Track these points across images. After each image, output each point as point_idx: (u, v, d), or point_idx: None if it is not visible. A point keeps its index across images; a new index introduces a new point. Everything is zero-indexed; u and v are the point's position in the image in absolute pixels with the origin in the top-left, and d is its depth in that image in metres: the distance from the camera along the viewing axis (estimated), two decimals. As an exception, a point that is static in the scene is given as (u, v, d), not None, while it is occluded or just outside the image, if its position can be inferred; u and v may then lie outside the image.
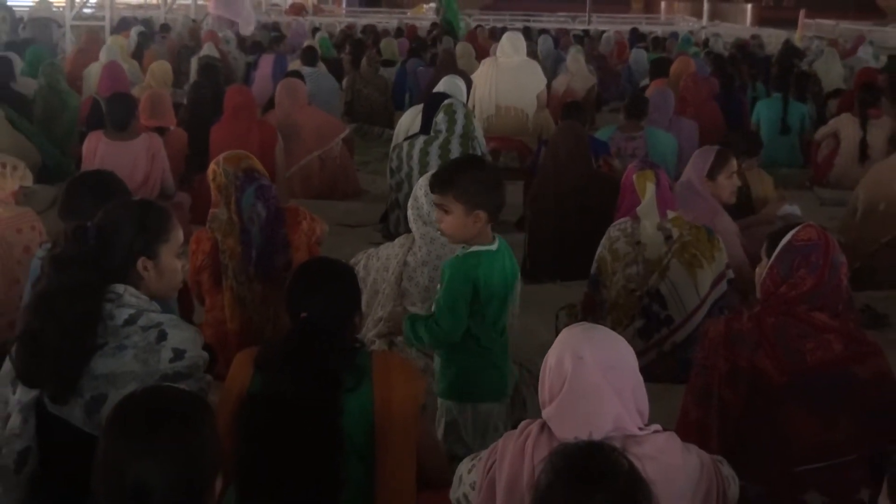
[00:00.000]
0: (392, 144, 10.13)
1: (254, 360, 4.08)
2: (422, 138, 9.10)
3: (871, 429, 4.77)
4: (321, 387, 3.96)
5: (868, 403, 4.78)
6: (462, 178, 4.91)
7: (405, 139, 9.45)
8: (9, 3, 20.38)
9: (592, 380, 3.48)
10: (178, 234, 4.29)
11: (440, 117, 9.05)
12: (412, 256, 5.91)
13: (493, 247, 5.00)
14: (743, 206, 8.11)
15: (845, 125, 12.25)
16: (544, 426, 3.58)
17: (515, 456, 3.56)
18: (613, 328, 6.46)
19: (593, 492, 2.61)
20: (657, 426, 3.56)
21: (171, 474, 2.62)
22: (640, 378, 3.60)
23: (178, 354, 4.03)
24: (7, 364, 4.17)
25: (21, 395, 4.10)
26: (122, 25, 21.83)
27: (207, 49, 18.02)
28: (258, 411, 3.92)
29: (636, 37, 26.50)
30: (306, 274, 4.26)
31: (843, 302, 5.03)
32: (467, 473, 3.90)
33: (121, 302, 4.04)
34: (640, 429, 3.51)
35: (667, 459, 3.44)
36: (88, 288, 4.03)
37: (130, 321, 4.03)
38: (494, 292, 4.94)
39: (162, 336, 4.04)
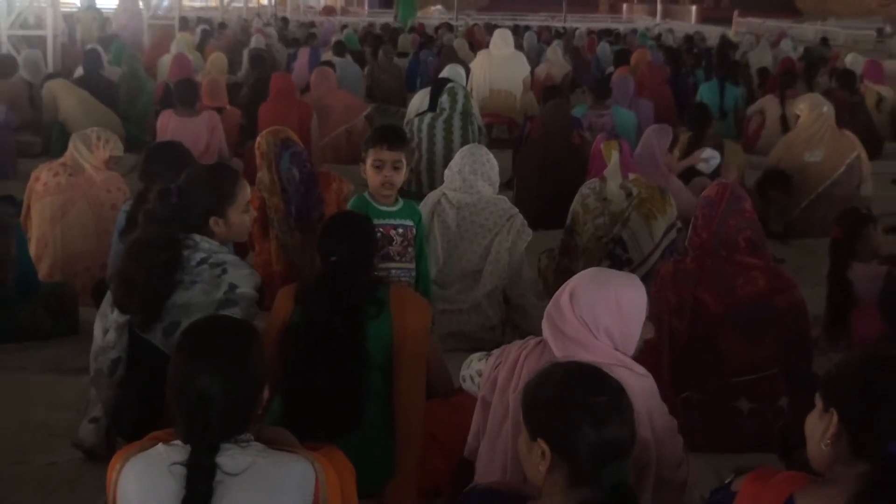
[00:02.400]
0: (405, 120, 10.10)
1: (293, 295, 4.08)
2: (429, 115, 9.12)
3: (789, 349, 4.79)
4: (348, 316, 3.97)
5: (786, 328, 4.81)
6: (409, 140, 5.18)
7: (416, 116, 9.45)
8: (97, 6, 20.27)
9: (572, 302, 3.39)
10: (245, 195, 4.27)
11: (444, 98, 9.08)
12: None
13: None
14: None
15: (769, 104, 12.49)
16: (542, 343, 3.51)
17: (511, 364, 3.52)
18: (585, 268, 6.57)
19: (592, 396, 2.57)
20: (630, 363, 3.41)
21: (226, 385, 2.63)
22: (631, 322, 3.41)
23: (232, 288, 4.06)
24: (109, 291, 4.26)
25: (116, 316, 4.18)
26: (187, 24, 21.70)
27: (255, 42, 17.96)
28: (298, 336, 3.94)
29: (603, 32, 26.38)
30: (334, 225, 4.25)
31: (761, 238, 5.05)
32: (476, 361, 3.89)
33: (196, 248, 4.07)
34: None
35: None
36: (171, 239, 4.07)
37: (202, 262, 4.07)
38: None
39: (224, 272, 4.07)
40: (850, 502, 2.47)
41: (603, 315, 3.36)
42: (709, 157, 7.64)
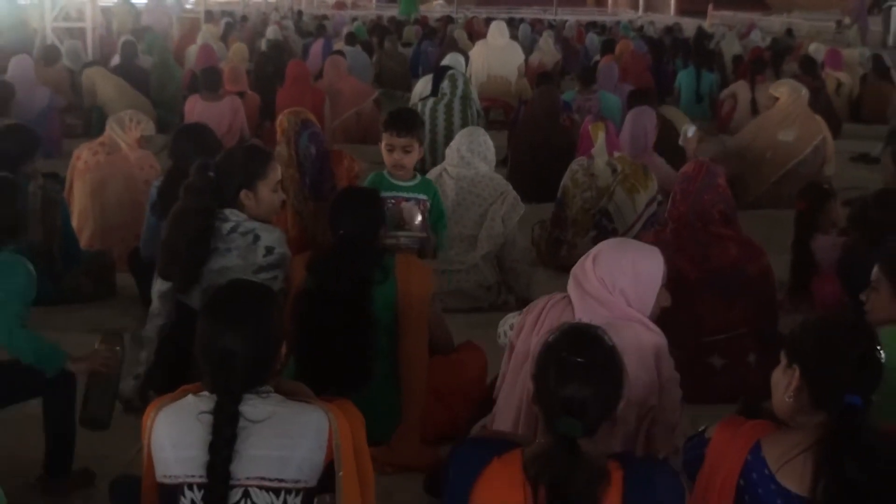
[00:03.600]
0: (410, 104, 10.06)
1: (305, 264, 4.08)
2: (432, 99, 9.10)
3: (757, 311, 4.79)
4: (355, 283, 3.97)
5: (755, 292, 4.81)
6: (422, 124, 5.35)
7: (420, 100, 9.43)
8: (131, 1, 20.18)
9: (594, 263, 3.44)
10: (276, 175, 4.28)
11: (445, 84, 9.07)
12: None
13: None
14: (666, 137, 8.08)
15: (741, 88, 12.45)
16: (566, 299, 3.52)
17: (537, 313, 3.55)
18: (574, 237, 6.60)
19: (566, 354, 2.54)
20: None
21: (247, 342, 2.63)
22: (646, 287, 3.43)
23: (269, 250, 4.11)
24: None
25: (161, 285, 4.27)
26: (212, 17, 21.62)
27: (272, 33, 17.93)
28: (309, 302, 3.94)
29: (590, 24, 26.24)
30: (343, 201, 4.25)
31: (733, 210, 5.05)
32: (512, 318, 4.00)
33: (227, 219, 4.11)
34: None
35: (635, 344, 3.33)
36: (206, 211, 4.12)
37: (233, 230, 4.10)
38: None
39: (256, 238, 4.10)
40: (811, 447, 2.48)
41: (619, 276, 3.40)
42: (686, 128, 7.61)
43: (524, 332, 3.56)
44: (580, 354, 2.51)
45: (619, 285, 3.40)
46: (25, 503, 3.81)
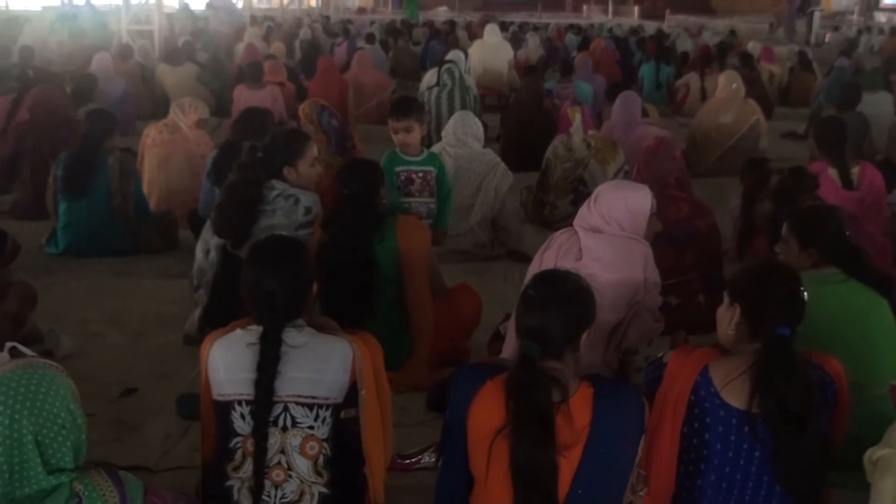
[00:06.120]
0: (419, 92, 9.98)
1: (319, 223, 4.10)
2: (436, 89, 9.02)
3: (706, 259, 4.77)
4: (357, 233, 3.97)
5: (704, 244, 4.80)
6: (419, 108, 5.41)
7: (427, 89, 9.35)
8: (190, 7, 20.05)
9: (594, 201, 3.63)
10: (313, 152, 4.32)
11: (445, 76, 8.99)
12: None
13: None
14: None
15: (692, 79, 12.47)
16: (573, 230, 3.66)
17: (550, 240, 3.71)
18: (555, 200, 6.60)
19: (555, 288, 2.50)
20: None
21: (284, 283, 2.61)
22: (637, 216, 3.59)
23: (308, 210, 4.16)
24: (208, 222, 4.39)
25: (216, 240, 4.29)
26: (255, 21, 21.48)
27: (305, 34, 17.81)
28: (326, 253, 3.94)
29: (569, 26, 26.03)
30: (347, 168, 4.24)
31: (686, 177, 5.03)
32: None
33: (273, 188, 4.16)
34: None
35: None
36: (254, 183, 4.17)
37: (278, 196, 4.15)
38: None
39: (297, 201, 4.16)
40: (749, 370, 2.49)
41: (614, 210, 3.57)
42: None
43: (537, 254, 3.72)
44: (539, 291, 2.48)
45: (615, 216, 3.55)
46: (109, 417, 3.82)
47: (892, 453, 2.28)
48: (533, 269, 3.63)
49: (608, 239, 3.52)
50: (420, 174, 5.33)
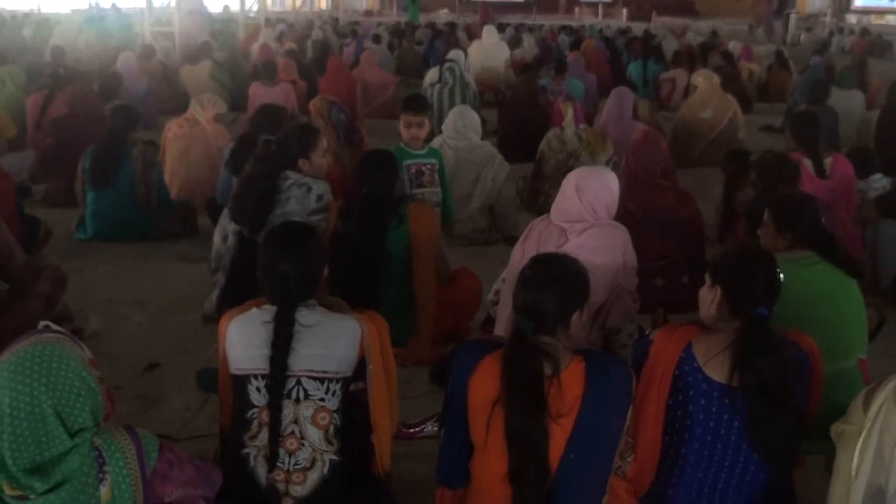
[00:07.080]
0: (421, 89, 9.95)
1: (338, 212, 4.06)
2: (438, 85, 9.01)
3: (689, 243, 4.76)
4: (376, 227, 3.96)
5: (687, 229, 4.78)
6: (429, 105, 5.42)
7: (429, 85, 9.34)
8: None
9: (579, 195, 3.58)
10: (324, 144, 4.34)
11: (446, 74, 8.95)
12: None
13: None
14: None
15: (678, 75, 12.36)
16: (548, 220, 3.63)
17: (530, 229, 3.68)
18: (549, 189, 6.59)
19: (528, 269, 2.50)
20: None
21: (297, 266, 2.61)
22: (611, 201, 3.60)
23: (319, 198, 4.16)
24: (225, 210, 4.36)
25: (233, 227, 4.27)
26: (269, 22, 21.38)
27: (317, 35, 17.71)
28: (341, 241, 3.92)
29: (562, 27, 25.92)
30: (366, 163, 4.18)
31: (672, 168, 5.02)
32: (498, 284, 4.08)
33: (287, 178, 4.15)
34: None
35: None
36: (271, 173, 4.17)
37: (292, 185, 4.14)
38: None
39: (309, 189, 4.15)
40: (729, 347, 2.49)
41: (602, 197, 3.58)
42: None
43: (520, 240, 3.68)
44: (534, 272, 2.48)
45: (603, 202, 3.56)
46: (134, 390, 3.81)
47: (852, 429, 2.29)
48: (515, 257, 3.62)
49: (591, 230, 3.52)
50: (427, 166, 5.41)
